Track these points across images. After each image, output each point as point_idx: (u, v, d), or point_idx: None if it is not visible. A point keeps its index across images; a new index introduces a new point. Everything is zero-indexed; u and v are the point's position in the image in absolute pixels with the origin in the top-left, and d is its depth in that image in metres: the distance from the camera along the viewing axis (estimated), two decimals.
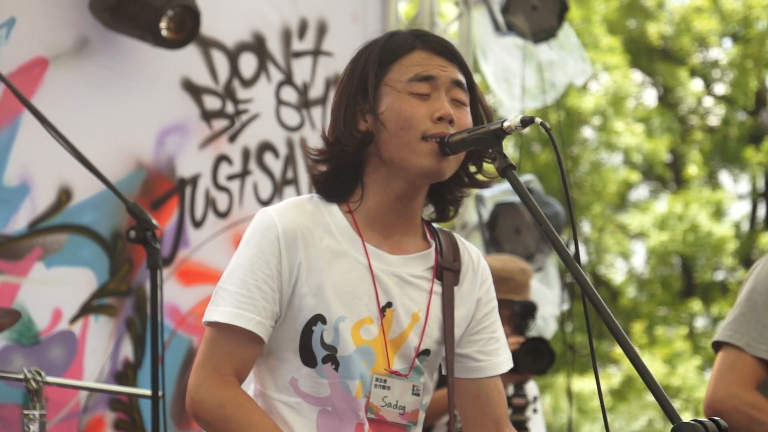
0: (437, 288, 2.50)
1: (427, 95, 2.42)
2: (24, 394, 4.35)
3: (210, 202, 5.08)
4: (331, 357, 2.39)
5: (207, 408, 2.33)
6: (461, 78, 2.46)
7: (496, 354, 2.58)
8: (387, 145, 2.41)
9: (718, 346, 3.22)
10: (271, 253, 2.38)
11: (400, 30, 2.53)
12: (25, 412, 3.19)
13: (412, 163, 2.40)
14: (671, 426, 1.98)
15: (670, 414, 2.00)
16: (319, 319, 2.39)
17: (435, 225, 2.59)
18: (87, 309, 4.62)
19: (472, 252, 2.59)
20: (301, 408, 2.41)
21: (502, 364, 2.59)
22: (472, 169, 2.53)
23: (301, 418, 2.41)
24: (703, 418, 1.95)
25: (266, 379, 2.44)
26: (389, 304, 2.44)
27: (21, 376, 3.26)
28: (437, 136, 2.39)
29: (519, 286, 4.57)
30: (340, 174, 2.46)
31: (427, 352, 2.49)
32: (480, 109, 2.51)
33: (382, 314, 2.43)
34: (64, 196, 4.57)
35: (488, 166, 2.51)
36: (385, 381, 2.43)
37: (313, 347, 2.39)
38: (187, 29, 4.71)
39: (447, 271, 2.52)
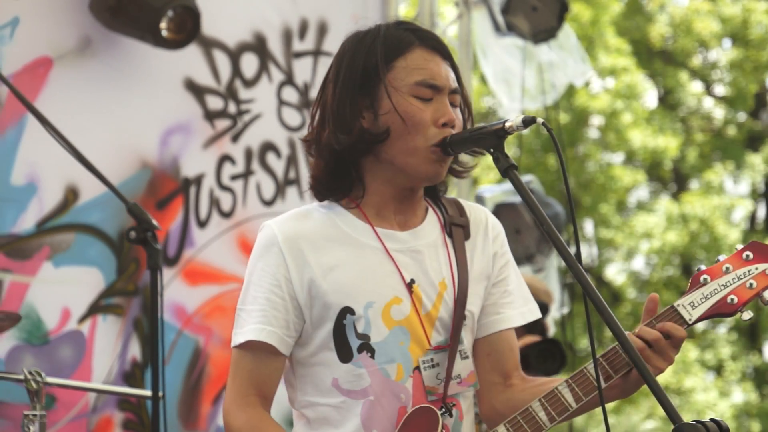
0: (451, 247, 2.52)
1: (430, 99, 2.45)
2: None
3: (214, 202, 5.06)
4: (366, 345, 2.42)
5: (231, 429, 2.44)
6: (457, 85, 2.50)
7: (509, 306, 2.58)
8: (390, 147, 2.44)
9: None
10: (275, 264, 2.44)
11: (390, 23, 2.53)
12: (26, 412, 3.21)
13: (416, 169, 2.45)
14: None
15: (671, 414, 2.01)
16: (347, 311, 2.42)
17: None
18: (95, 309, 4.60)
19: (479, 210, 2.62)
20: (346, 405, 2.44)
21: (515, 317, 2.59)
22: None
23: (346, 415, 2.44)
24: (704, 419, 1.96)
25: (309, 387, 2.48)
26: (413, 281, 2.46)
27: (21, 377, 3.28)
28: (441, 142, 2.43)
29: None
30: (338, 171, 2.48)
31: (463, 316, 2.50)
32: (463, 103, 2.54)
33: (410, 291, 2.45)
34: (71, 195, 4.55)
35: (464, 157, 2.55)
36: (431, 360, 2.44)
37: (349, 340, 2.42)
38: (188, 29, 4.70)
39: (455, 226, 2.54)
